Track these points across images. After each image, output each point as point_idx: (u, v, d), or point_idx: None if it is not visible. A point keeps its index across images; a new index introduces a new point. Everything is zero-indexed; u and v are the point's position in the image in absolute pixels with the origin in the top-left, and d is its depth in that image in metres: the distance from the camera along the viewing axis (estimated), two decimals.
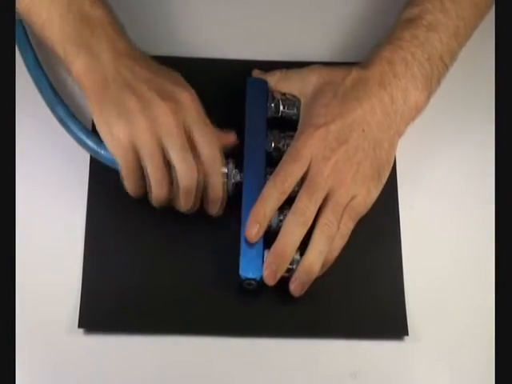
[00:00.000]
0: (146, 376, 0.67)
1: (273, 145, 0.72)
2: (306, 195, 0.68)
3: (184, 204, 0.69)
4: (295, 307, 0.69)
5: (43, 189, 0.72)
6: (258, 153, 0.71)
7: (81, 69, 0.68)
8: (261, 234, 0.68)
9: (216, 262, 0.70)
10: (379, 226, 0.72)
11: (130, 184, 0.68)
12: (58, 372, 0.67)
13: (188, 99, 0.67)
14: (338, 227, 0.68)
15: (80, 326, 0.67)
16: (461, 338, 0.69)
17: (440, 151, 0.76)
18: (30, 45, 0.74)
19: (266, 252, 0.68)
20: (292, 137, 0.71)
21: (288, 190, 0.68)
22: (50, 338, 0.67)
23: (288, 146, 0.70)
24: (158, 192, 0.67)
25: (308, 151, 0.68)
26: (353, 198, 0.68)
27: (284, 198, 0.68)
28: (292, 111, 0.73)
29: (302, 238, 0.67)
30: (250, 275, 0.68)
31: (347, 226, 0.69)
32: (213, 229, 0.71)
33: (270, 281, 0.67)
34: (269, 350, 0.68)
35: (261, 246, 0.68)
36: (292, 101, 0.73)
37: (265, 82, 0.74)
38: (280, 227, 0.68)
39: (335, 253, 0.68)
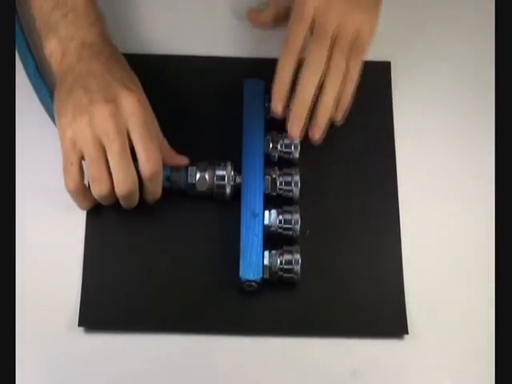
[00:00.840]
0: (146, 375, 0.67)
1: (271, 145, 0.72)
2: (317, 45, 0.71)
3: (123, 205, 0.69)
4: (295, 306, 0.69)
5: (43, 189, 0.72)
6: (257, 154, 0.71)
7: (49, 51, 0.70)
8: (286, 101, 0.71)
9: (216, 261, 0.70)
10: (379, 226, 0.72)
11: (66, 177, 0.67)
12: (57, 371, 0.67)
13: (132, 105, 0.67)
14: (347, 65, 0.71)
15: (80, 324, 0.67)
16: (460, 337, 0.69)
17: (440, 150, 0.76)
18: (31, 52, 0.74)
19: (265, 253, 0.68)
20: None
21: (300, 51, 0.71)
22: (49, 337, 0.68)
23: (286, 146, 0.72)
24: (94, 188, 0.67)
25: (310, 8, 0.71)
26: (356, 32, 0.71)
27: (297, 61, 0.71)
28: None
29: (319, 84, 0.71)
30: (251, 277, 0.68)
31: (356, 61, 0.72)
32: (213, 228, 0.71)
33: (297, 130, 0.71)
34: (269, 349, 0.68)
35: (260, 248, 0.68)
36: None
37: (261, 84, 0.74)
38: (280, 227, 0.69)
39: (350, 88, 0.72)
